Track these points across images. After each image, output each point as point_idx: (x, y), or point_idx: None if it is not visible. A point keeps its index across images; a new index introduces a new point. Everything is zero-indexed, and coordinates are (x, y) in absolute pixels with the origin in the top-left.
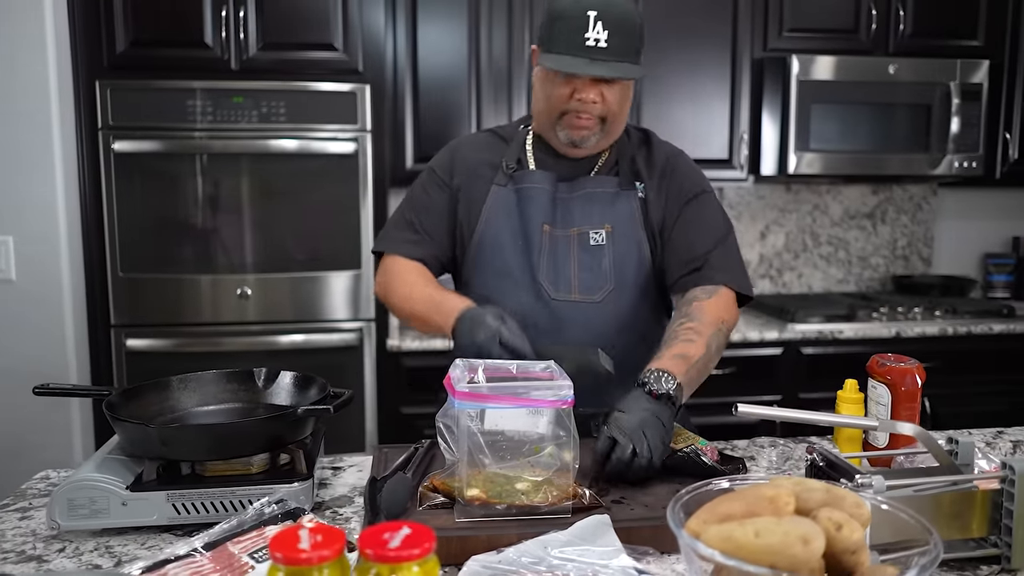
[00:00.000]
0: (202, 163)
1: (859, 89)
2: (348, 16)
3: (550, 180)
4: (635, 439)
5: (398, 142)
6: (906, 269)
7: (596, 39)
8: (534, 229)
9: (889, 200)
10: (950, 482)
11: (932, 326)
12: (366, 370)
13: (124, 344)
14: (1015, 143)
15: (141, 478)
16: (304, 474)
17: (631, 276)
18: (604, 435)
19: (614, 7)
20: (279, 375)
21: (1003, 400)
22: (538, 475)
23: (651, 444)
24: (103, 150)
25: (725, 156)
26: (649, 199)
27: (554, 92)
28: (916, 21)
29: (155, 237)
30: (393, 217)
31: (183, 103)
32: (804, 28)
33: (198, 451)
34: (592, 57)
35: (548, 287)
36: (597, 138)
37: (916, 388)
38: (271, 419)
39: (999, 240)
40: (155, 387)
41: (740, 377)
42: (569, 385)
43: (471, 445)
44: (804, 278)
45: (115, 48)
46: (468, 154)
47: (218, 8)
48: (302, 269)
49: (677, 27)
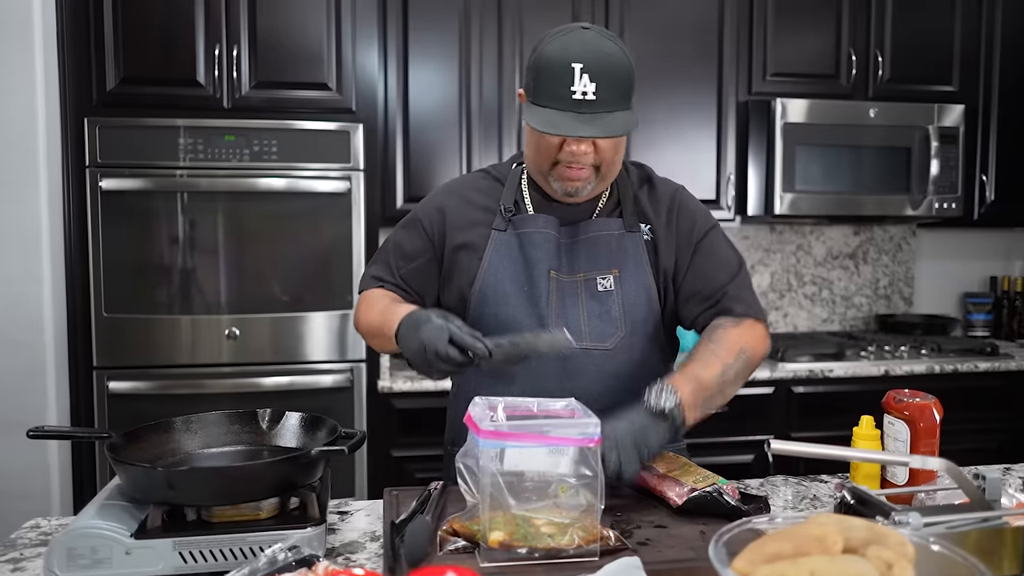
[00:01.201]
0: (191, 201)
1: (841, 132)
2: (341, 55)
3: (553, 224)
4: (606, 447)
5: (388, 182)
6: (888, 308)
7: (583, 91)
8: (540, 275)
9: (870, 240)
10: (981, 518)
11: (919, 364)
12: (356, 412)
13: (106, 386)
14: (991, 185)
15: (145, 525)
16: (317, 519)
17: (641, 321)
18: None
19: (601, 56)
20: (284, 416)
21: (993, 437)
22: (563, 517)
23: (623, 457)
24: (90, 188)
25: (712, 196)
26: (658, 239)
27: (543, 144)
28: (893, 67)
29: (141, 276)
30: (378, 254)
31: (173, 141)
32: (787, 73)
33: (208, 495)
34: (580, 111)
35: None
36: (592, 186)
37: (935, 424)
38: (284, 461)
39: (977, 280)
40: (157, 428)
41: (732, 417)
42: (596, 423)
43: (494, 486)
44: (790, 317)
45: (105, 85)
46: (460, 201)
47: (211, 46)
48: (291, 309)
49: (665, 71)
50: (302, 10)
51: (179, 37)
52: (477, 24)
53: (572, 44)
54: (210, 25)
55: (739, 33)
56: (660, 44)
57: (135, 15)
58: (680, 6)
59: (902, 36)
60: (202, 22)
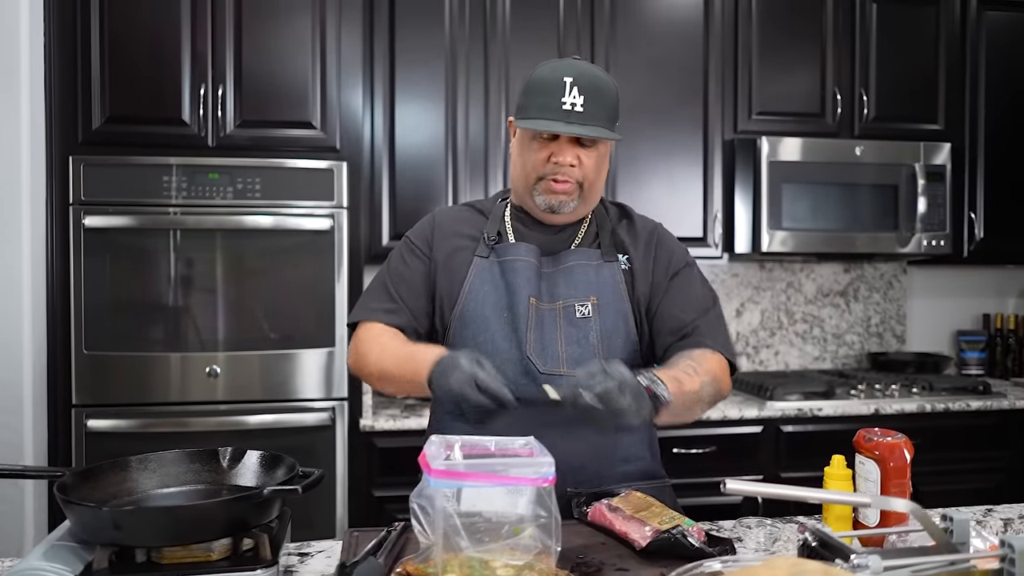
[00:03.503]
0: (174, 239)
1: (827, 170)
2: (326, 94)
3: (534, 253)
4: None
5: (374, 219)
6: (881, 346)
7: (573, 103)
8: (520, 302)
9: (861, 278)
10: (947, 562)
11: (910, 403)
12: (338, 451)
13: (85, 424)
14: (980, 222)
15: (91, 567)
16: (268, 560)
17: (619, 349)
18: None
19: (591, 75)
20: (245, 455)
21: (986, 477)
22: (518, 558)
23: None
24: (73, 225)
25: (699, 234)
26: (635, 269)
27: (531, 157)
28: (879, 106)
29: (123, 313)
30: (369, 287)
31: (157, 179)
32: (772, 112)
33: (154, 535)
34: (569, 121)
35: (537, 361)
36: (575, 204)
37: (905, 463)
38: (234, 500)
39: (970, 317)
40: (112, 468)
41: (720, 456)
42: (550, 462)
43: (447, 527)
44: (780, 355)
45: (91, 124)
46: (447, 225)
47: (197, 85)
48: (274, 347)
49: (650, 109)
50: (287, 50)
51: (165, 76)
52: (463, 63)
53: (562, 64)
54: (196, 64)
55: (724, 72)
56: (645, 83)
57: (122, 54)
58: (665, 45)
59: (887, 74)
60: (188, 61)
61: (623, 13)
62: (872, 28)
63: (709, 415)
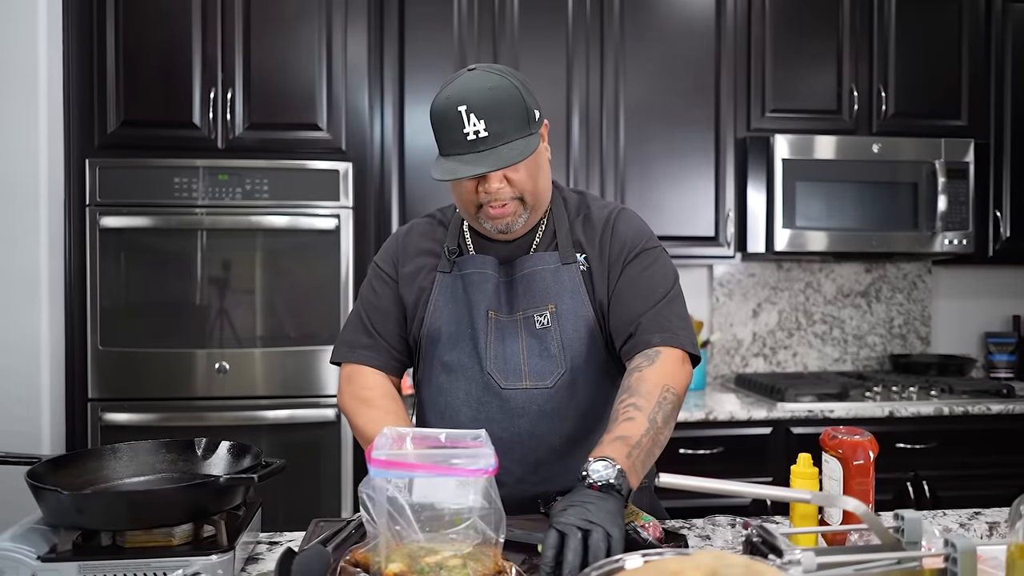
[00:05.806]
0: (186, 238)
1: (844, 167)
2: (333, 97)
3: (491, 264)
4: (582, 527)
5: (383, 219)
6: (904, 348)
7: (476, 131)
8: (479, 316)
9: (883, 278)
10: (894, 560)
11: (927, 406)
12: (344, 445)
13: (101, 418)
14: (1006, 221)
15: (55, 549)
16: (224, 547)
17: (582, 356)
18: (550, 531)
19: (483, 93)
20: (219, 446)
21: (1005, 483)
22: (461, 548)
23: (607, 529)
24: (90, 225)
25: (711, 233)
26: (592, 269)
27: (461, 191)
28: (898, 102)
29: (138, 311)
30: (348, 319)
31: (169, 180)
32: (787, 109)
33: (114, 519)
34: (478, 150)
35: (498, 377)
36: (524, 218)
37: (868, 462)
38: (190, 487)
39: (999, 318)
40: (86, 456)
41: (728, 457)
42: (491, 454)
43: (390, 516)
44: (799, 357)
45: (106, 128)
46: (411, 244)
47: (207, 90)
48: (283, 344)
49: (660, 107)
50: (295, 55)
51: (177, 81)
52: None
53: (454, 90)
54: (206, 69)
55: (736, 69)
56: (656, 82)
57: (136, 61)
58: (676, 43)
59: (907, 70)
60: (199, 66)
61: (632, 12)
62: (891, 22)
63: (715, 415)
